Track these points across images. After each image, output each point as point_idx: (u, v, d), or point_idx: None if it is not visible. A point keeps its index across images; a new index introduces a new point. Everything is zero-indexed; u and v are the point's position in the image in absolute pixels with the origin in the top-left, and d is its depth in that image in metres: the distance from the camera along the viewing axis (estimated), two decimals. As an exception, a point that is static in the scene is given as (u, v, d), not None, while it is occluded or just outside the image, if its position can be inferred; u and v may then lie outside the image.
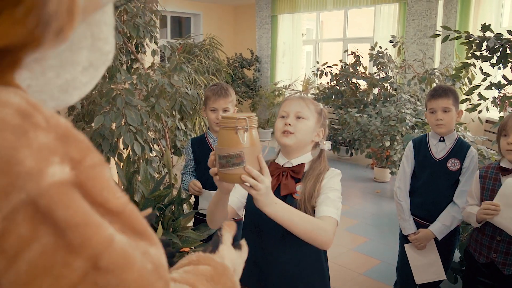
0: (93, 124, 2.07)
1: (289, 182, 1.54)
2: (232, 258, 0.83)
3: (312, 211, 1.49)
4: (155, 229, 2.11)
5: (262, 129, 9.01)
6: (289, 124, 1.54)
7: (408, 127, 5.11)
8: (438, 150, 2.36)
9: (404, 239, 2.48)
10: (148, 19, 2.51)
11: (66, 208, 0.41)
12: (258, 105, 9.33)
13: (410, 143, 2.47)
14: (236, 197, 1.61)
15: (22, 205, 0.39)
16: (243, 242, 0.92)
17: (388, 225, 4.30)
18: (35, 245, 0.39)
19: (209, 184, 2.37)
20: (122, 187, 2.34)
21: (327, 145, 1.62)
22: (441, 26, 3.30)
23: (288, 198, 1.52)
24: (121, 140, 2.42)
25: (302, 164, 1.57)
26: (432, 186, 2.35)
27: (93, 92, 2.52)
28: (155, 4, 2.57)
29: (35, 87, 0.48)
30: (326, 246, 1.40)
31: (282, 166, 1.60)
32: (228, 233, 0.86)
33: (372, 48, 6.46)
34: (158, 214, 2.21)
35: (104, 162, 0.48)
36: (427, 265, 2.38)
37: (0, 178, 0.38)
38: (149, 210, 0.93)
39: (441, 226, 2.29)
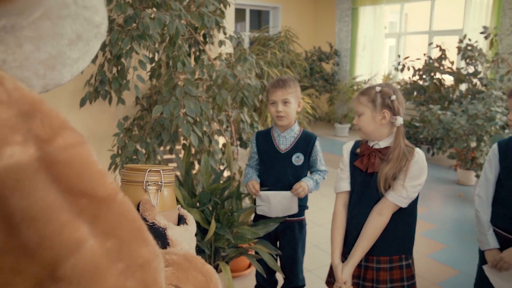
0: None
1: (376, 162, 1.78)
2: (185, 237, 0.73)
3: (386, 189, 1.74)
4: (209, 223, 2.07)
5: (339, 124, 8.78)
6: (356, 124, 1.84)
7: (497, 127, 4.66)
8: None
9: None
10: (214, 8, 2.47)
11: (23, 196, 0.33)
12: (336, 99, 9.10)
13: (495, 145, 2.16)
14: (347, 182, 1.93)
15: None
16: (185, 213, 0.82)
17: (470, 232, 3.95)
18: None
19: (270, 182, 2.28)
20: (181, 178, 2.33)
21: (398, 120, 1.77)
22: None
23: (374, 175, 1.78)
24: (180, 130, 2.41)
25: (388, 147, 1.79)
26: None
27: (158, 83, 2.55)
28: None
29: (12, 62, 0.43)
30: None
31: (372, 147, 1.82)
32: (162, 219, 0.73)
33: (461, 41, 5.98)
34: (210, 208, 2.17)
35: (84, 142, 0.40)
36: None
37: None
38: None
39: None
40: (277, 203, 2.23)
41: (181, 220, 0.80)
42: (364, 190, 1.84)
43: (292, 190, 2.20)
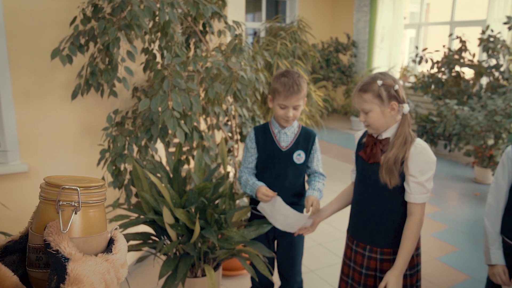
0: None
1: (377, 152, 1.80)
2: (97, 271, 0.59)
3: (394, 174, 1.73)
4: (194, 224, 1.97)
5: (355, 117, 8.59)
6: (364, 121, 1.80)
7: (517, 124, 4.42)
8: None
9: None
10: (210, -5, 2.33)
11: None
12: (352, 92, 8.89)
13: (509, 148, 1.93)
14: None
15: None
16: (117, 237, 0.68)
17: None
18: None
19: (268, 182, 2.13)
20: (171, 175, 2.23)
21: (405, 108, 1.76)
22: None
23: (375, 165, 1.80)
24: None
25: (388, 138, 1.79)
26: None
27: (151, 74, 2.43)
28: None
29: None
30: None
31: (376, 137, 1.82)
32: (69, 247, 0.60)
33: (483, 32, 5.71)
34: (193, 209, 2.05)
35: None
36: None
37: None
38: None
39: None
40: (285, 217, 2.05)
41: (108, 246, 0.68)
42: (366, 179, 1.87)
43: (307, 211, 2.02)
